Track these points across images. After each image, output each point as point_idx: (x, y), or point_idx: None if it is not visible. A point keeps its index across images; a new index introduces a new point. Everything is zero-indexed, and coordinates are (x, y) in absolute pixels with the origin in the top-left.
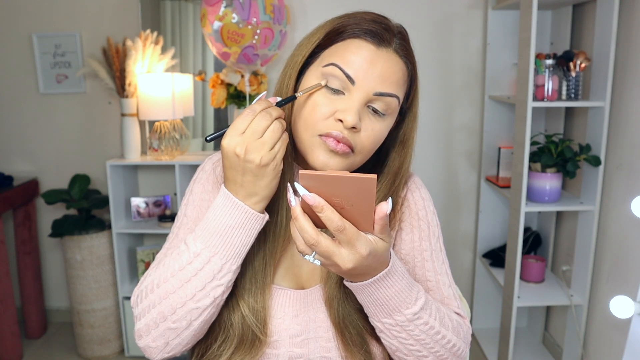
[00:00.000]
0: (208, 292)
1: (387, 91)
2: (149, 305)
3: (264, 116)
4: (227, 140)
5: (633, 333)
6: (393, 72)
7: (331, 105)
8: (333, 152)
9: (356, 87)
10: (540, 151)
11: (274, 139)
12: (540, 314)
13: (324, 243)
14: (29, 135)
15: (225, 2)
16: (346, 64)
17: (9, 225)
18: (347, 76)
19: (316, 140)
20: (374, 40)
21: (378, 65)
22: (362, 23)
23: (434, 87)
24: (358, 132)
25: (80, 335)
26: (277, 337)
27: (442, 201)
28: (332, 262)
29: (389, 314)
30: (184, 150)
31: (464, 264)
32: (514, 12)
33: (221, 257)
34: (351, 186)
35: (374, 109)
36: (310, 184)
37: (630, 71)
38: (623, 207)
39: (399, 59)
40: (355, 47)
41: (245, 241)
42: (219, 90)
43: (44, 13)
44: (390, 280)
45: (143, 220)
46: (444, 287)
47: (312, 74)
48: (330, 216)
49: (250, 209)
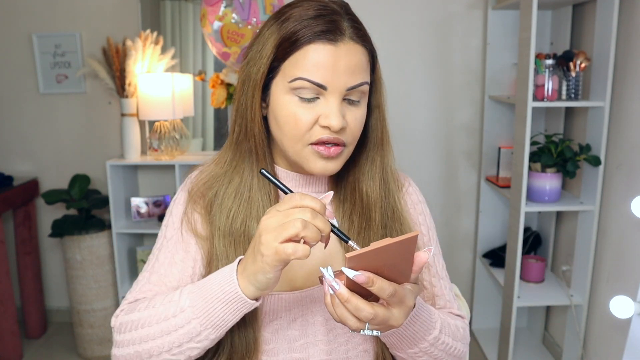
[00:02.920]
0: (184, 351)
1: (357, 82)
2: (130, 341)
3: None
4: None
5: (633, 333)
6: (357, 61)
7: (311, 113)
8: (327, 158)
9: (329, 91)
10: (540, 151)
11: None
12: (540, 314)
13: (380, 314)
14: (29, 135)
15: (225, 2)
16: (312, 74)
17: (9, 225)
18: (317, 85)
19: (308, 150)
20: (330, 39)
21: (342, 62)
22: (312, 23)
23: (434, 87)
24: (345, 128)
25: (80, 335)
26: (275, 345)
27: (442, 201)
28: (388, 326)
29: (414, 344)
30: (184, 150)
31: (464, 264)
32: (514, 12)
33: (201, 323)
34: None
35: (349, 100)
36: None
37: (630, 71)
38: (623, 207)
39: (357, 45)
40: (314, 52)
41: (227, 318)
42: (219, 90)
43: (44, 13)
44: (417, 315)
45: (143, 220)
46: (446, 290)
47: (279, 89)
48: (381, 286)
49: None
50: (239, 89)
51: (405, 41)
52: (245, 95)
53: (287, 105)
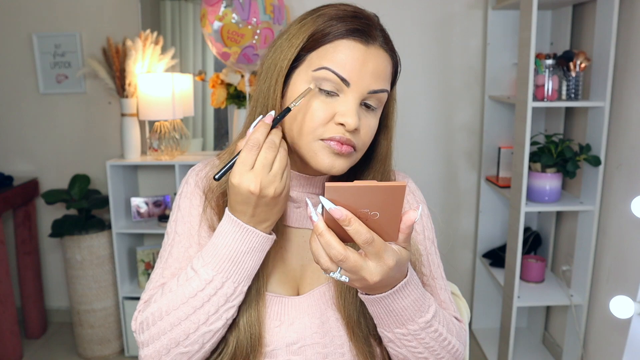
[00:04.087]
0: (221, 315)
1: (380, 88)
2: (159, 333)
3: (270, 147)
4: (237, 178)
5: (633, 333)
6: (384, 68)
7: (328, 109)
8: (338, 154)
9: (351, 89)
10: (540, 151)
11: (282, 168)
12: (540, 314)
13: (352, 258)
14: (29, 135)
15: (225, 2)
16: (339, 67)
17: (9, 225)
18: (341, 79)
19: (318, 144)
20: (362, 39)
21: (370, 64)
22: (347, 21)
23: (434, 87)
24: (358, 131)
25: (80, 335)
26: (274, 347)
27: (442, 201)
28: (360, 277)
29: (402, 323)
30: (184, 150)
31: (464, 264)
32: (514, 12)
33: (234, 281)
34: (380, 196)
35: (366, 105)
36: (336, 197)
37: (630, 71)
38: (623, 207)
39: (386, 53)
40: (344, 47)
41: (257, 263)
42: (219, 90)
43: (44, 13)
44: (408, 289)
45: (143, 220)
46: (441, 291)
47: (301, 79)
48: (358, 229)
49: (262, 234)
50: (262, 76)
51: (405, 41)
52: (269, 81)
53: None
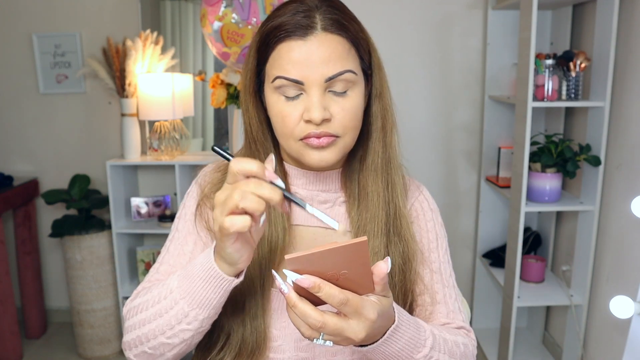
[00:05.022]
0: (177, 333)
1: (336, 72)
2: (133, 325)
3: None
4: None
5: (633, 333)
6: (332, 51)
7: (296, 110)
8: (320, 148)
9: (307, 85)
10: (540, 151)
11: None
12: (540, 314)
13: (331, 322)
14: (29, 135)
15: (225, 2)
16: (287, 71)
17: (9, 225)
18: (293, 81)
19: (299, 144)
20: (298, 35)
21: (314, 55)
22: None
23: (434, 87)
24: (332, 121)
25: (80, 335)
26: (282, 342)
27: (442, 201)
28: (344, 337)
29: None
30: (184, 150)
31: (464, 264)
32: (514, 12)
33: (188, 303)
34: (344, 255)
35: (334, 92)
36: (299, 266)
37: (630, 71)
38: (623, 207)
39: (332, 35)
40: (285, 51)
41: (210, 296)
42: (219, 90)
43: (44, 13)
44: (399, 333)
45: (143, 220)
46: (451, 300)
47: (269, 92)
48: (329, 292)
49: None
50: (241, 97)
51: (405, 41)
52: (245, 101)
53: (275, 105)
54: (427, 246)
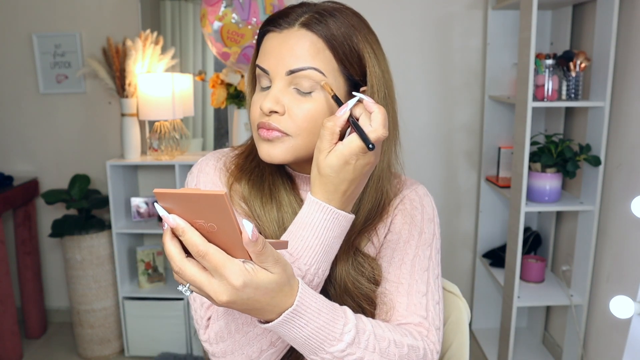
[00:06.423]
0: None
1: (299, 66)
2: (233, 347)
3: None
4: None
5: (633, 333)
6: (301, 47)
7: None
8: (268, 141)
9: (271, 75)
10: (540, 151)
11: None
12: (540, 314)
13: (188, 271)
14: (29, 135)
15: (225, 2)
16: (261, 61)
17: (9, 225)
18: (261, 69)
19: (256, 135)
20: (277, 27)
21: (284, 47)
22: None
23: (434, 87)
24: (284, 115)
25: (80, 335)
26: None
27: (442, 201)
28: (205, 294)
29: (313, 352)
30: (184, 150)
31: (464, 264)
32: (514, 12)
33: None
34: (203, 204)
35: (298, 90)
36: (169, 204)
37: (630, 71)
38: (623, 207)
39: (307, 31)
40: (265, 41)
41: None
42: (219, 90)
43: (44, 13)
44: (303, 319)
45: (143, 220)
46: (417, 294)
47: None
48: (191, 240)
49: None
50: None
51: (405, 41)
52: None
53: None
54: (406, 236)
